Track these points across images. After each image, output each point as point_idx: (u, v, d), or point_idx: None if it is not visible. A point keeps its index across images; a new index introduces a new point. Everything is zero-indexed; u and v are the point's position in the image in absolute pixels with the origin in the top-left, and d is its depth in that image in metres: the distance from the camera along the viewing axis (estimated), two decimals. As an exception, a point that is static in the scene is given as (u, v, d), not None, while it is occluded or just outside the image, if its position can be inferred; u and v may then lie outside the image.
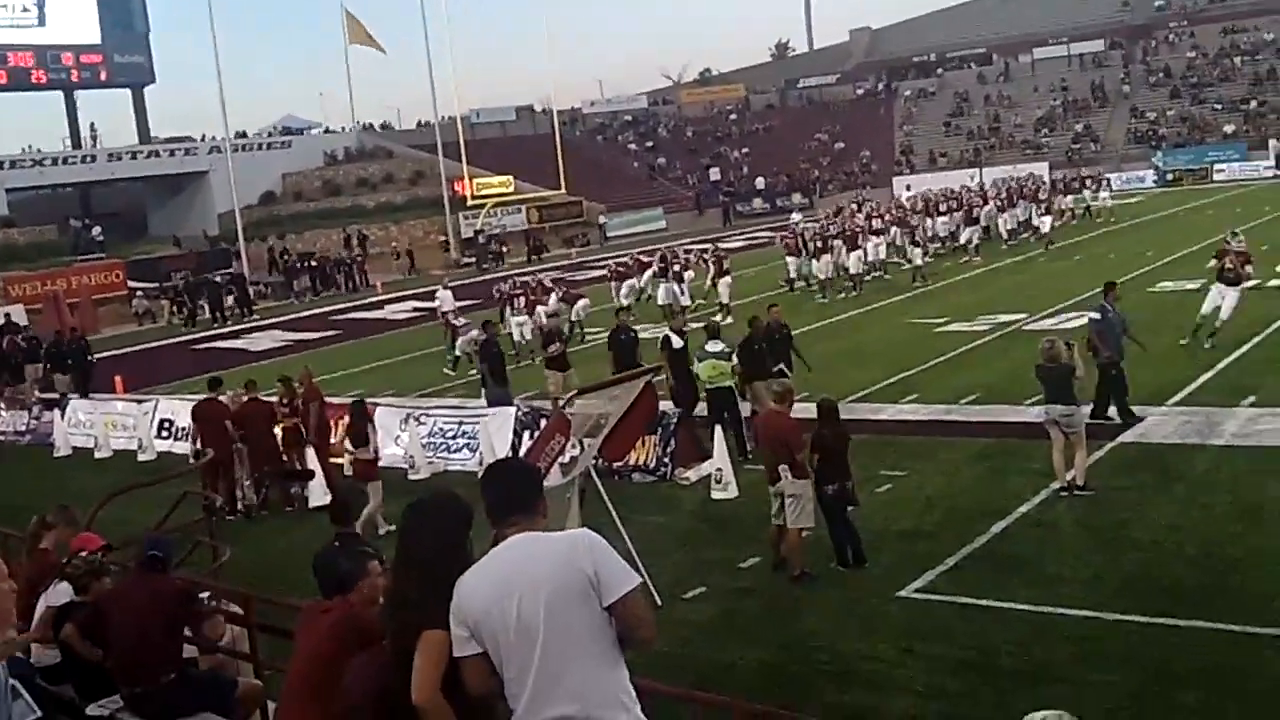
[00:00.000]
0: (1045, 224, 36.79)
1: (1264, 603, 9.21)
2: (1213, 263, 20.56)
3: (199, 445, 16.60)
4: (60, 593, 7.36)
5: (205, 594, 7.83)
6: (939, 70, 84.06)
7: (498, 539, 4.08)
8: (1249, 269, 19.81)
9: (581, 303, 28.11)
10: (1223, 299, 18.73)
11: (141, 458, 20.22)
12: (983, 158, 66.87)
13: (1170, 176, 59.31)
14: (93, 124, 65.21)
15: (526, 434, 15.87)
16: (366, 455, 14.40)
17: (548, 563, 3.90)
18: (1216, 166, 59.20)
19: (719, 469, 13.84)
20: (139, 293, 46.05)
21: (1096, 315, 15.12)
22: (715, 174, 72.47)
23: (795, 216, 45.59)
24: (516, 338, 25.47)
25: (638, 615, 3.93)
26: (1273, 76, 66.83)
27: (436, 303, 29.01)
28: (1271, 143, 58.78)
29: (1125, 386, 14.78)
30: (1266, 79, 66.92)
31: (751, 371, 15.63)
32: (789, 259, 31.96)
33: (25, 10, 55.95)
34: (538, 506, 4.17)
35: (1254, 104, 64.90)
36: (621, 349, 17.99)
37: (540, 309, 26.19)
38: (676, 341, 16.72)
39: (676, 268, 29.20)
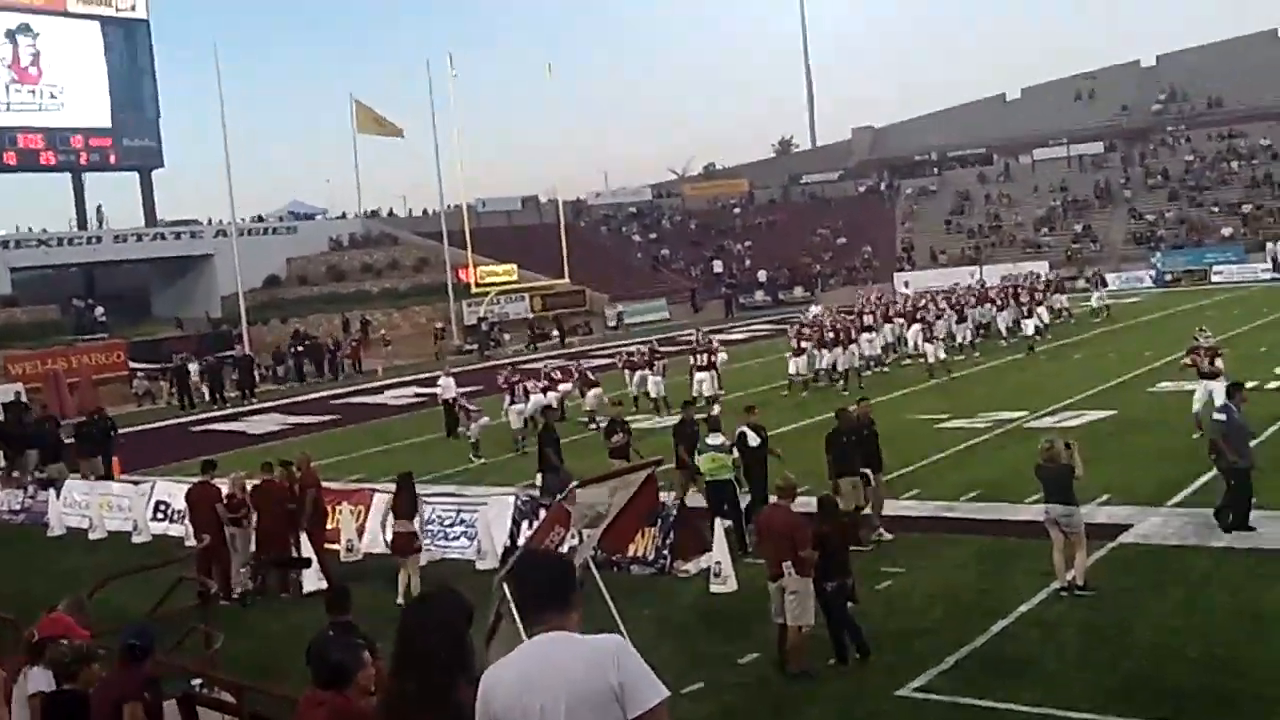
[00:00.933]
0: (1029, 327, 35.92)
1: (1265, 707, 9.12)
2: (1186, 361, 20.89)
3: (193, 529, 16.55)
4: (37, 678, 7.23)
5: (198, 681, 7.76)
6: (939, 169, 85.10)
7: (528, 634, 4.02)
8: (1219, 362, 20.25)
9: (594, 392, 28.12)
10: (1209, 394, 18.90)
11: (136, 539, 20.10)
12: (983, 255, 67.40)
13: (1169, 277, 59.72)
14: (99, 206, 65.98)
15: (525, 523, 15.80)
16: (409, 528, 14.54)
17: (574, 669, 3.82)
18: (1215, 268, 59.60)
19: (718, 562, 13.76)
20: (139, 373, 46.13)
21: (1222, 417, 14.25)
22: (718, 266, 73.01)
23: (815, 309, 45.05)
24: (514, 425, 25.44)
25: None
26: (1269, 180, 67.64)
27: (439, 389, 29.08)
28: (1269, 245, 59.30)
29: (1250, 495, 13.95)
30: (1263, 182, 67.72)
31: (838, 468, 15.04)
32: (816, 351, 31.25)
33: (53, 97, 56.96)
34: (572, 601, 4.08)
35: (1250, 207, 65.61)
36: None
37: (555, 392, 26.60)
38: (753, 439, 16.09)
39: (708, 356, 29.02)
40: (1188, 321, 40.10)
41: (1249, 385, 23.72)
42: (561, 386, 28.62)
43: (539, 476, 18.49)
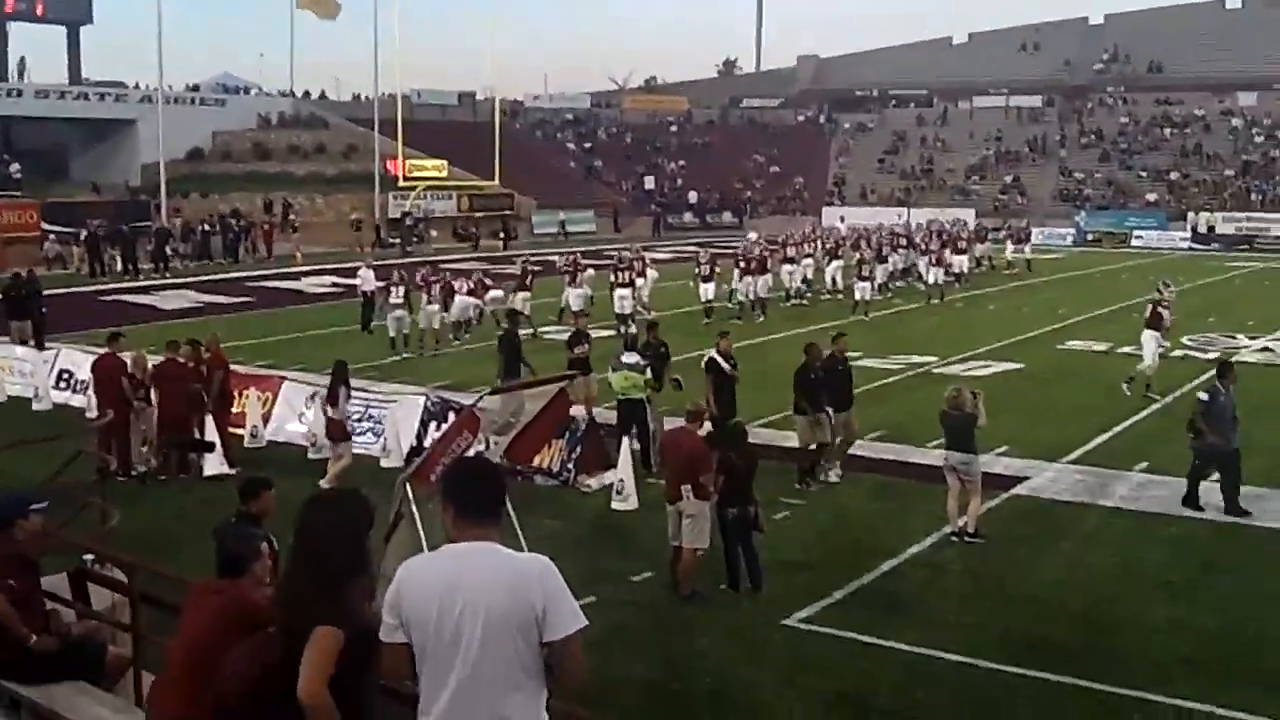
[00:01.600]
0: (934, 275, 35.74)
1: (1136, 665, 9.47)
2: (1158, 311, 20.99)
3: (96, 402, 16.28)
4: None
5: (89, 556, 7.69)
6: (880, 107, 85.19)
7: (455, 537, 4.03)
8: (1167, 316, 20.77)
9: (493, 293, 27.95)
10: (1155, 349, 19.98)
11: (36, 407, 19.70)
12: (912, 198, 67.90)
13: (1090, 237, 60.73)
14: (23, 58, 63.66)
15: (434, 424, 15.78)
16: (336, 415, 14.62)
17: (498, 585, 3.85)
18: (1136, 232, 60.75)
19: (621, 480, 13.88)
20: (51, 236, 44.97)
21: (1205, 397, 13.69)
22: (649, 183, 72.67)
23: (752, 235, 44.64)
24: (423, 325, 25.23)
25: (574, 657, 3.92)
26: (1199, 151, 68.76)
27: (358, 281, 28.76)
28: (1190, 215, 60.48)
29: (1238, 477, 13.50)
30: (1193, 152, 68.84)
31: (803, 404, 14.77)
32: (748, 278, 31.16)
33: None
34: (499, 510, 4.13)
35: (1177, 175, 66.73)
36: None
37: (460, 298, 26.26)
38: (725, 365, 15.61)
39: (629, 274, 28.72)
40: (1104, 282, 40.99)
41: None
42: (492, 293, 28.12)
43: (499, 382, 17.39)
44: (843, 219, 55.92)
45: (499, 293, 28.23)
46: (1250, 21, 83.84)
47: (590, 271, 30.09)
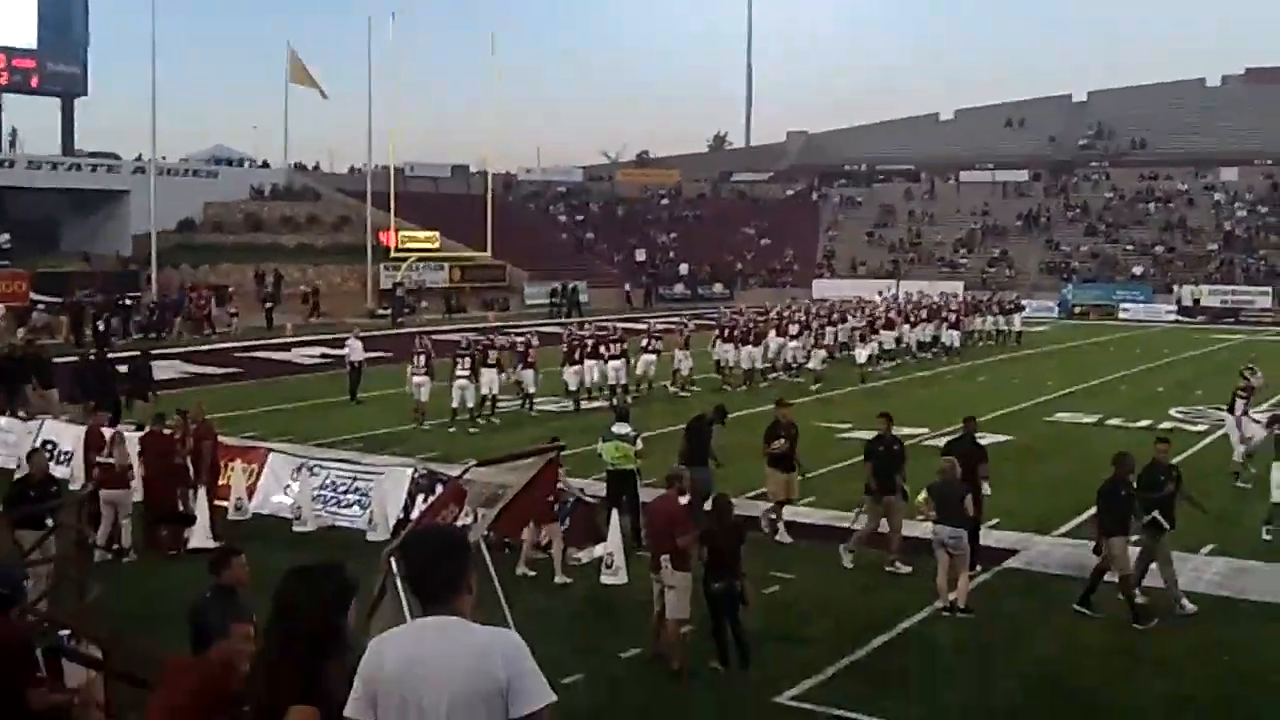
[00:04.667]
0: (956, 339, 37.93)
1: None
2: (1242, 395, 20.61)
3: (86, 472, 16.15)
4: None
5: (66, 632, 7.55)
6: (868, 181, 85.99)
7: (424, 612, 3.94)
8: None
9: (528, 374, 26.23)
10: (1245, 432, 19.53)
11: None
12: (901, 270, 68.27)
13: (1077, 309, 61.10)
14: (14, 129, 64.09)
15: (421, 497, 15.64)
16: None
17: (463, 662, 3.77)
18: (1122, 305, 61.16)
19: (610, 554, 13.75)
20: (41, 306, 44.91)
21: None
22: (641, 254, 73.03)
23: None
24: (415, 397, 24.52)
25: None
26: (1183, 225, 69.45)
27: (345, 351, 28.69)
28: (1175, 288, 60.93)
29: None
30: (1177, 226, 69.52)
31: (881, 485, 14.36)
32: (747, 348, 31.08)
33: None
34: (464, 584, 3.98)
35: (1162, 249, 67.31)
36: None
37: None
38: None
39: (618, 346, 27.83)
40: (1092, 353, 41.10)
41: (1142, 424, 24.44)
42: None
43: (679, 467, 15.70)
44: (881, 293, 54.03)
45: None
46: (1230, 99, 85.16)
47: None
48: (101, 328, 39.33)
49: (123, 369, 24.10)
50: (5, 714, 6.32)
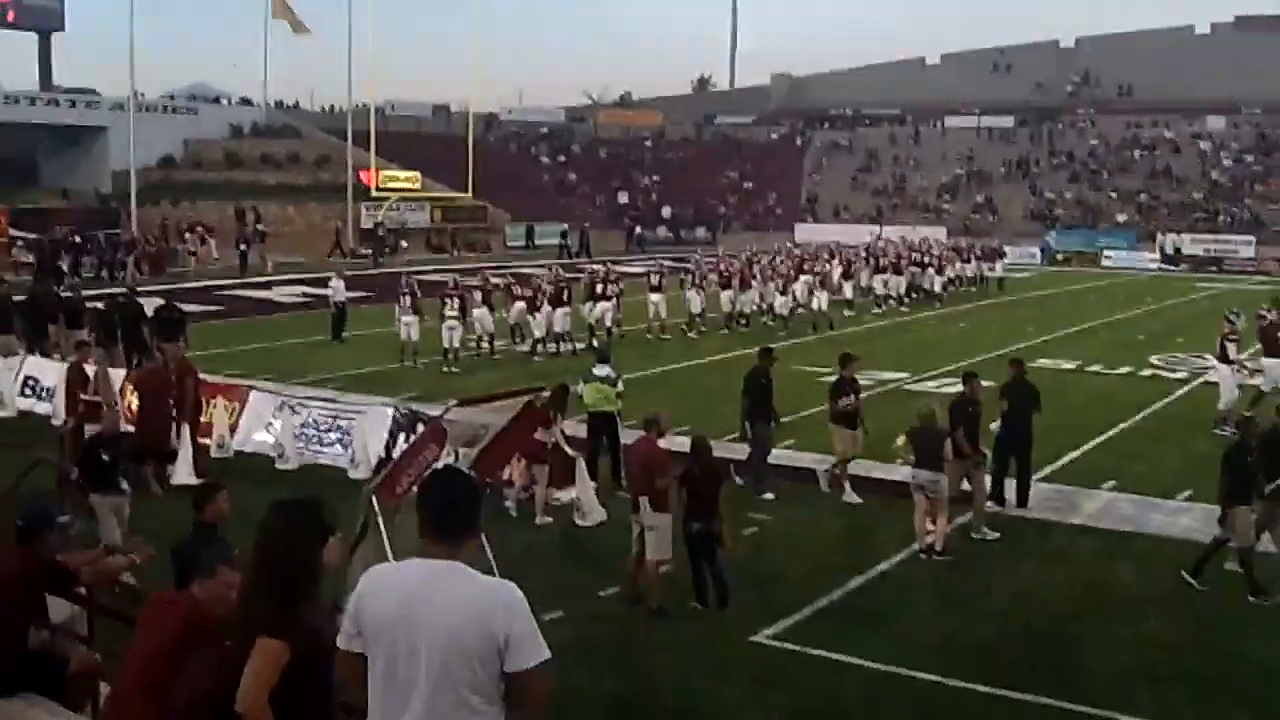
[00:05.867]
0: (937, 284, 38.08)
1: (1098, 683, 9.49)
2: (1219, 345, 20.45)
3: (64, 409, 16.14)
4: None
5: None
6: (853, 125, 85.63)
7: (425, 551, 3.93)
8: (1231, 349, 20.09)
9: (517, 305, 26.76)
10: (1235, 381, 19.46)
11: (1, 414, 19.51)
12: (884, 216, 68.19)
13: (1060, 257, 61.19)
14: (-9, 63, 63.31)
15: (402, 436, 15.65)
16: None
17: (460, 612, 3.76)
18: (1105, 252, 61.21)
19: (578, 498, 13.82)
20: (19, 242, 44.58)
21: None
22: (623, 197, 72.75)
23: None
24: (403, 337, 24.70)
25: (536, 690, 3.83)
26: (1168, 173, 69.42)
27: (329, 291, 28.58)
28: (1159, 236, 61.01)
29: None
30: (1162, 174, 69.50)
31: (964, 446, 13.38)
32: (724, 292, 31.21)
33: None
34: (473, 528, 4.00)
35: (1146, 197, 67.33)
36: None
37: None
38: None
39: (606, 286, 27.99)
40: (1073, 300, 41.24)
41: (1122, 371, 24.61)
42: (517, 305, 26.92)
43: (747, 426, 15.51)
44: (880, 237, 53.52)
45: (521, 305, 26.89)
46: (1219, 46, 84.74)
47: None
48: (63, 266, 38.86)
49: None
50: (9, 645, 6.37)
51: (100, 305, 22.82)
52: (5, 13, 57.38)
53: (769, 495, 14.76)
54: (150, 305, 22.68)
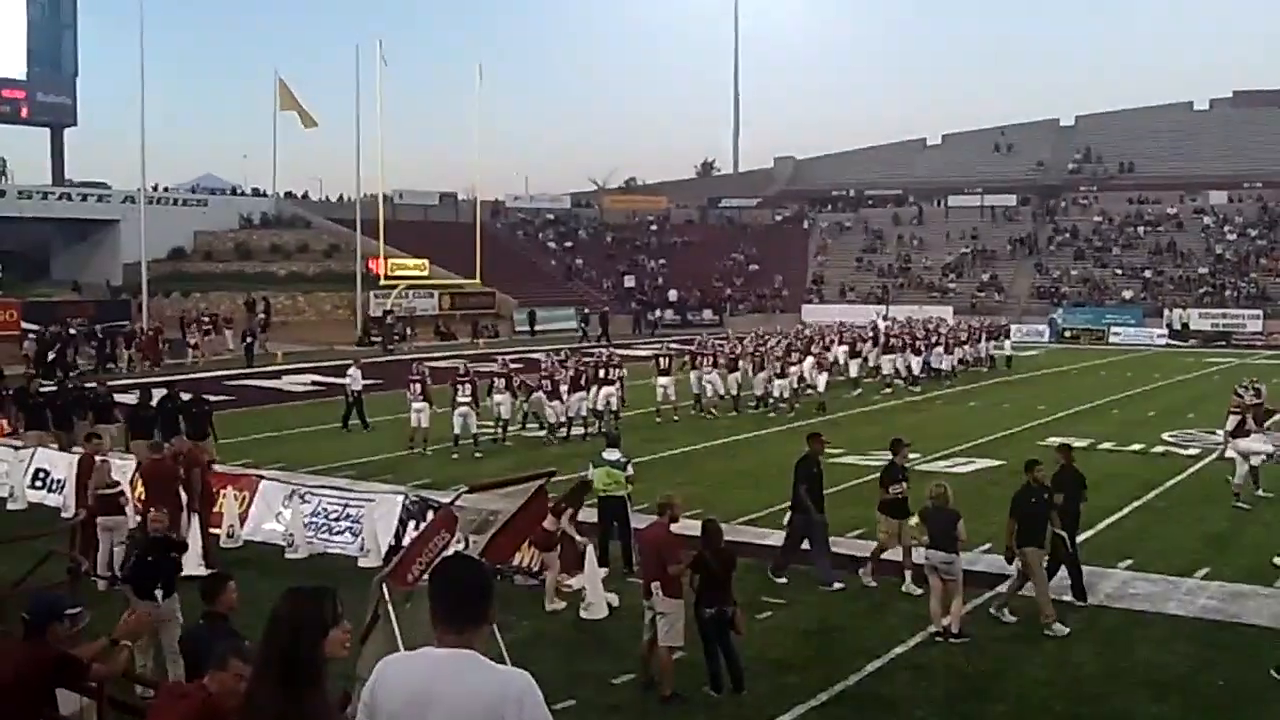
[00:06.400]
0: (946, 363, 38.26)
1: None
2: (1234, 412, 20.69)
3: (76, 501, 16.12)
4: None
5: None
6: (857, 206, 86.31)
7: (437, 640, 3.92)
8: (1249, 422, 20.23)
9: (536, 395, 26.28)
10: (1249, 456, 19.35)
11: (11, 506, 19.48)
12: (891, 295, 68.45)
13: (1068, 334, 61.27)
14: (4, 159, 64.36)
15: (412, 524, 15.61)
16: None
17: (474, 702, 3.73)
18: (1113, 329, 61.27)
19: (584, 589, 13.70)
20: (30, 335, 44.83)
21: None
22: (630, 281, 73.16)
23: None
24: (414, 424, 24.51)
25: None
26: (1172, 248, 69.71)
27: (347, 380, 28.51)
28: (1166, 312, 61.13)
29: None
30: (1166, 250, 69.78)
31: (1025, 535, 13.06)
32: (730, 375, 31.14)
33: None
34: (485, 616, 3.98)
35: (1151, 273, 67.56)
36: None
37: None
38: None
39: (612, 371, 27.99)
40: (1083, 377, 41.19)
41: (1134, 448, 24.50)
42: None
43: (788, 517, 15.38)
44: (886, 317, 53.60)
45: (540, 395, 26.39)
46: (1217, 122, 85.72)
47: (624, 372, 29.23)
48: (51, 358, 38.90)
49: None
50: None
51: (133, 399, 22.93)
52: (19, 108, 58.39)
53: (839, 585, 14.39)
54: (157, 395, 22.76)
